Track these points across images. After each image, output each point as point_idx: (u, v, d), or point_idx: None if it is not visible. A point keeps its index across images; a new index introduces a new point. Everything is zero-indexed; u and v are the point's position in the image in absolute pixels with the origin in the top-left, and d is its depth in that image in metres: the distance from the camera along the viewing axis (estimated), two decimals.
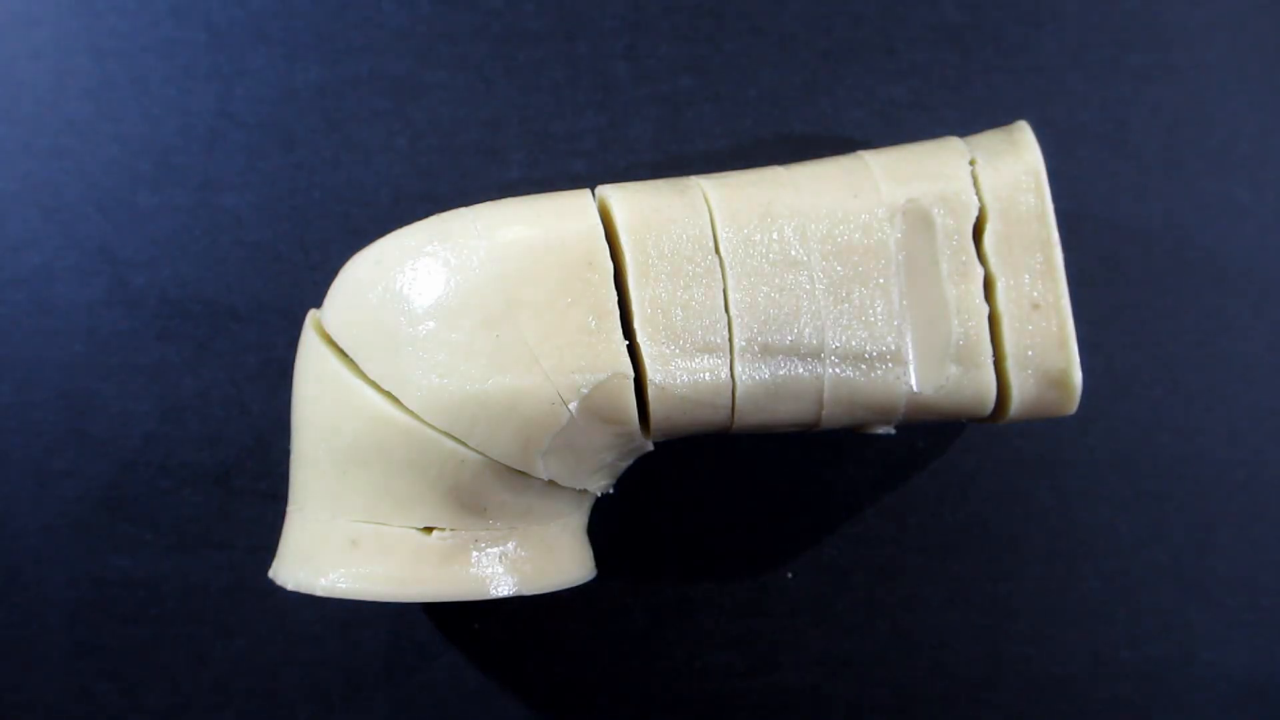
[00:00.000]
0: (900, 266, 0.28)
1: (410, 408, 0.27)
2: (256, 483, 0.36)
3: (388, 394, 0.27)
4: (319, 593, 0.28)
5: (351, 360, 0.28)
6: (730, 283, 0.28)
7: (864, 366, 0.28)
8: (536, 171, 0.36)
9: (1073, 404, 0.29)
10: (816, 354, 0.28)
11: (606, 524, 0.34)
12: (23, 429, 0.36)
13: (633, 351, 0.27)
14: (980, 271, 0.29)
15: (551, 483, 0.28)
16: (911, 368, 0.28)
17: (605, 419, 0.27)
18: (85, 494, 0.35)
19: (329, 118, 0.36)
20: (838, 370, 0.28)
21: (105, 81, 0.36)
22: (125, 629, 0.35)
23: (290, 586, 0.29)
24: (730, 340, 0.28)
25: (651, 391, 0.27)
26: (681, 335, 0.27)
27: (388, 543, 0.28)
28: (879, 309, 0.28)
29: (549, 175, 0.36)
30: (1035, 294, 0.28)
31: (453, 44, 0.37)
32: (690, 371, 0.27)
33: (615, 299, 0.27)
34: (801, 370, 0.28)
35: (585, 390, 0.27)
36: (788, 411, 0.29)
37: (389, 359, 0.27)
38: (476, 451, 0.27)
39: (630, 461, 0.31)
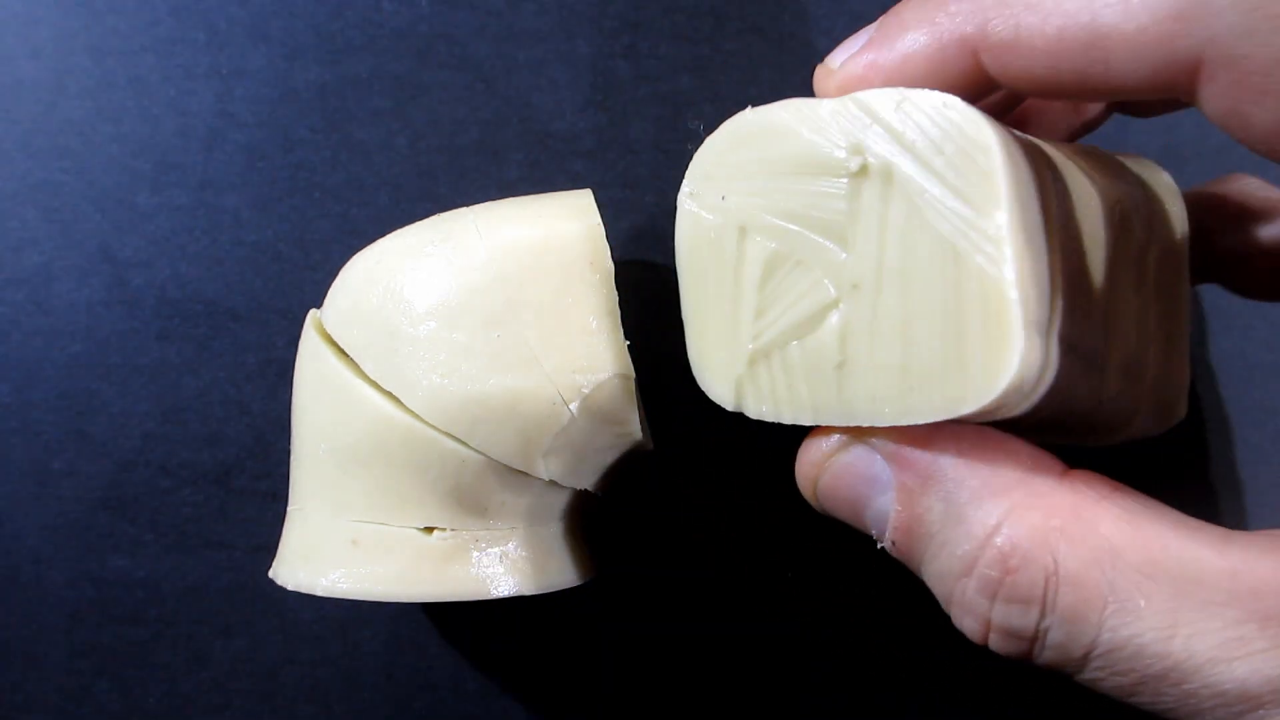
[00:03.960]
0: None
1: (411, 408, 0.27)
2: (256, 483, 0.36)
3: (388, 394, 0.27)
4: (319, 593, 0.28)
5: (352, 360, 0.28)
6: None
7: None
8: (536, 171, 0.36)
9: (1161, 431, 0.28)
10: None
11: (606, 524, 0.35)
12: (23, 429, 0.36)
13: (633, 351, 0.27)
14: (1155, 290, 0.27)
15: (552, 483, 0.28)
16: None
17: (606, 419, 0.27)
18: (85, 494, 0.35)
19: (329, 118, 0.36)
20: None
21: (105, 81, 0.36)
22: (125, 629, 0.35)
23: (290, 586, 0.29)
24: None
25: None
26: None
27: (388, 543, 0.28)
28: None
29: (549, 175, 0.36)
30: (1171, 322, 0.27)
31: (453, 44, 0.37)
32: None
33: (616, 299, 0.27)
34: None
35: (586, 390, 0.27)
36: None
37: (390, 359, 0.27)
38: (478, 452, 0.27)
39: (630, 462, 0.31)
